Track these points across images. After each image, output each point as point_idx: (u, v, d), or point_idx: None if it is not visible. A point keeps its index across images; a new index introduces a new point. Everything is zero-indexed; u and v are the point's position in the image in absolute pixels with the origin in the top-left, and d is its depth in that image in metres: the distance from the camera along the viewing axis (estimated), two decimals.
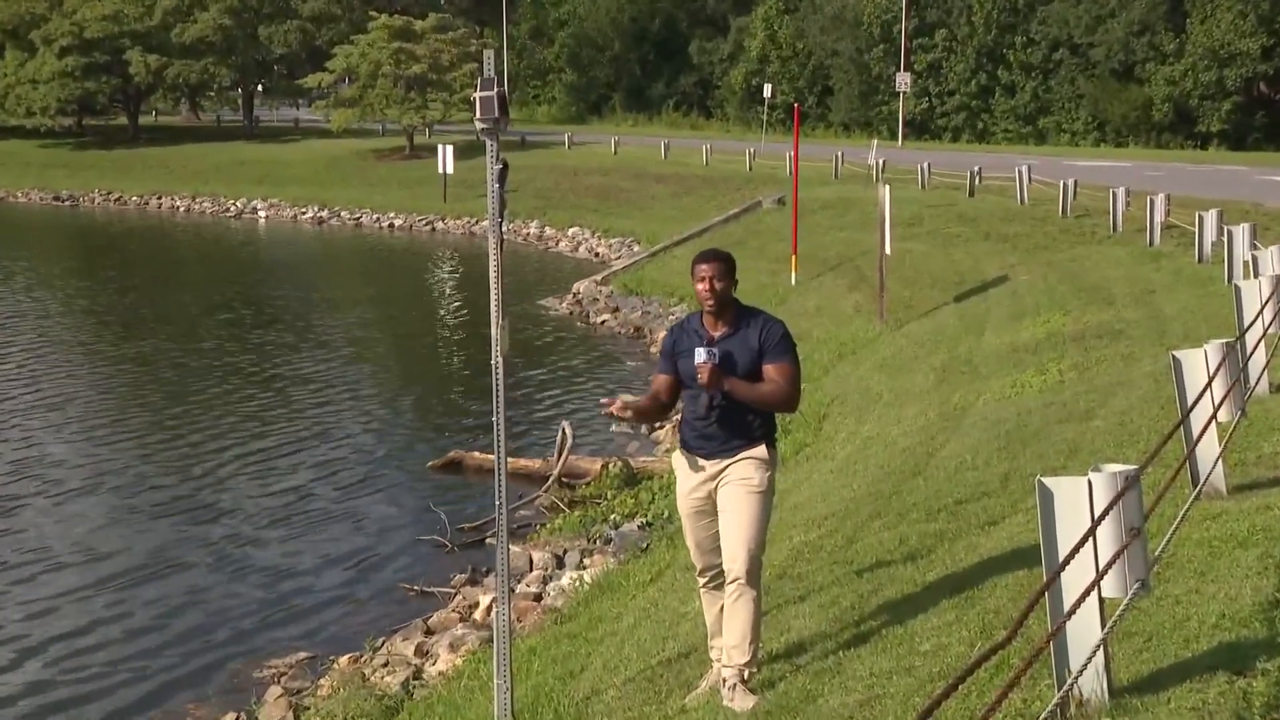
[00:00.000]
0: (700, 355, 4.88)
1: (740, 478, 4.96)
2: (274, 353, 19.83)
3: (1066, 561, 3.27)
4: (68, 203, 48.65)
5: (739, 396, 4.93)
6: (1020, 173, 25.86)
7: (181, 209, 46.25)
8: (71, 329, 21.68)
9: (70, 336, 21.01)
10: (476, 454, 13.35)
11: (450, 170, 39.57)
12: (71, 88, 57.45)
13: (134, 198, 48.12)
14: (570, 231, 35.12)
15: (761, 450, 5.00)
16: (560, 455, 12.41)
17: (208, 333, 21.33)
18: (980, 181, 28.08)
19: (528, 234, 36.08)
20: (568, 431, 12.54)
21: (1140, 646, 4.05)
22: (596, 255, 32.12)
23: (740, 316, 5.06)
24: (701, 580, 5.25)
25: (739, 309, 5.07)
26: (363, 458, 13.96)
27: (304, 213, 43.15)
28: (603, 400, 5.06)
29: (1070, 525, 3.53)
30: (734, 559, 4.89)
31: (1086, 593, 3.31)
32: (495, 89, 5.43)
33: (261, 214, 44.27)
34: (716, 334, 5.02)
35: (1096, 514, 3.49)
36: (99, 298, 25.20)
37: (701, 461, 5.05)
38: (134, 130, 62.15)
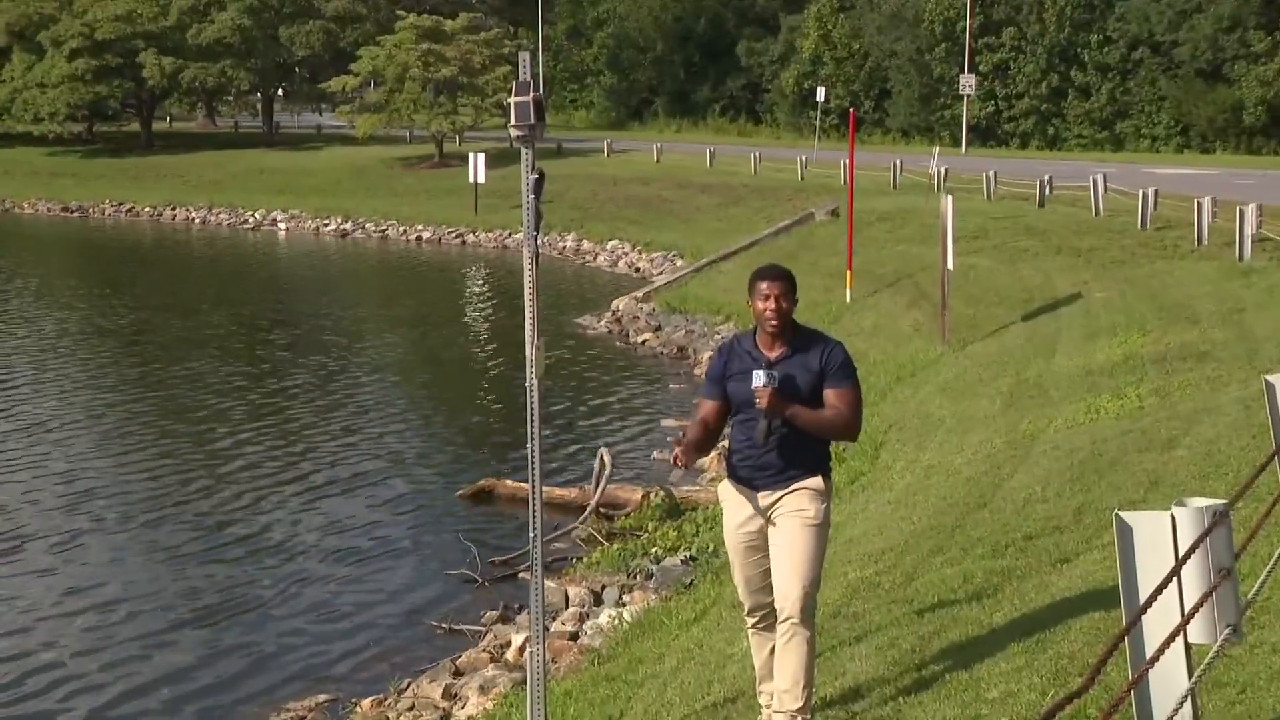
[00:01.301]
0: (759, 379, 4.87)
1: (795, 510, 4.96)
2: (293, 375, 20.02)
3: (1148, 604, 3.25)
4: (77, 213, 49.39)
5: (800, 424, 4.92)
6: (1095, 181, 25.69)
7: (197, 220, 46.85)
8: (90, 350, 21.97)
9: (90, 358, 21.28)
10: (509, 482, 13.40)
11: (482, 180, 39.84)
12: (82, 92, 58.11)
13: (147, 208, 48.78)
14: (609, 245, 35.24)
15: (817, 480, 4.99)
16: (598, 484, 12.42)
17: (226, 354, 21.55)
18: (1051, 191, 27.91)
19: (564, 248, 36.24)
20: (606, 459, 12.54)
21: (1233, 698, 4.01)
22: (637, 270, 32.19)
23: (798, 337, 5.06)
24: (750, 620, 5.25)
25: (796, 329, 5.07)
26: (387, 486, 14.04)
27: (326, 224, 43.57)
28: (676, 454, 5.01)
29: (1152, 564, 3.50)
30: (787, 597, 4.88)
31: (1171, 638, 3.28)
32: (531, 93, 5.48)
33: (281, 226, 44.75)
34: (773, 355, 5.02)
35: (1181, 552, 3.46)
36: (115, 317, 25.53)
37: (753, 492, 5.04)
38: (147, 137, 62.95)
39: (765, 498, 5.02)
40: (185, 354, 21.37)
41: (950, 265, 17.28)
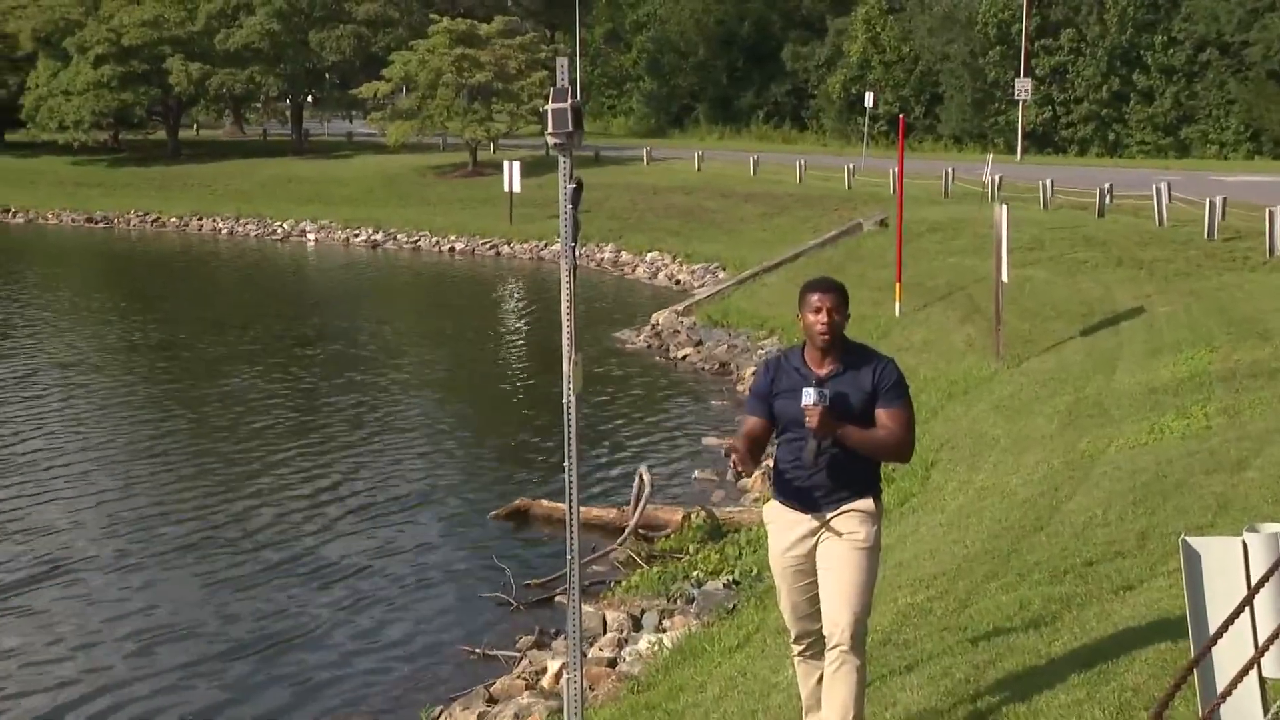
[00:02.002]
0: (809, 396, 4.85)
1: (844, 532, 4.94)
2: (324, 393, 20.16)
3: (1219, 634, 3.21)
4: (102, 224, 50.03)
5: (851, 444, 4.90)
6: (1158, 190, 25.48)
7: (224, 231, 47.33)
8: (121, 367, 22.17)
9: (123, 375, 21.48)
10: (545, 502, 13.44)
11: (517, 189, 40.04)
12: (107, 99, 58.85)
13: (173, 219, 49.35)
14: (649, 256, 35.31)
15: (868, 502, 4.97)
16: (637, 504, 12.42)
17: (256, 372, 21.74)
18: (1111, 200, 27.70)
19: (602, 259, 36.34)
20: (645, 478, 12.55)
21: None
22: (677, 283, 32.23)
23: (849, 353, 5.04)
24: (797, 647, 5.23)
25: (847, 345, 5.06)
26: (419, 507, 14.10)
27: (357, 235, 43.91)
28: (727, 445, 5.02)
29: (1222, 592, 3.46)
30: (836, 623, 4.86)
31: (1244, 671, 3.24)
32: (569, 100, 5.51)
33: (311, 236, 45.14)
34: (823, 372, 5.01)
35: (1253, 580, 3.42)
36: (145, 332, 25.77)
37: (800, 514, 5.03)
38: (173, 145, 63.66)
39: (813, 520, 5.00)
40: (216, 372, 21.57)
41: (1005, 278, 17.18)
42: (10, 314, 27.75)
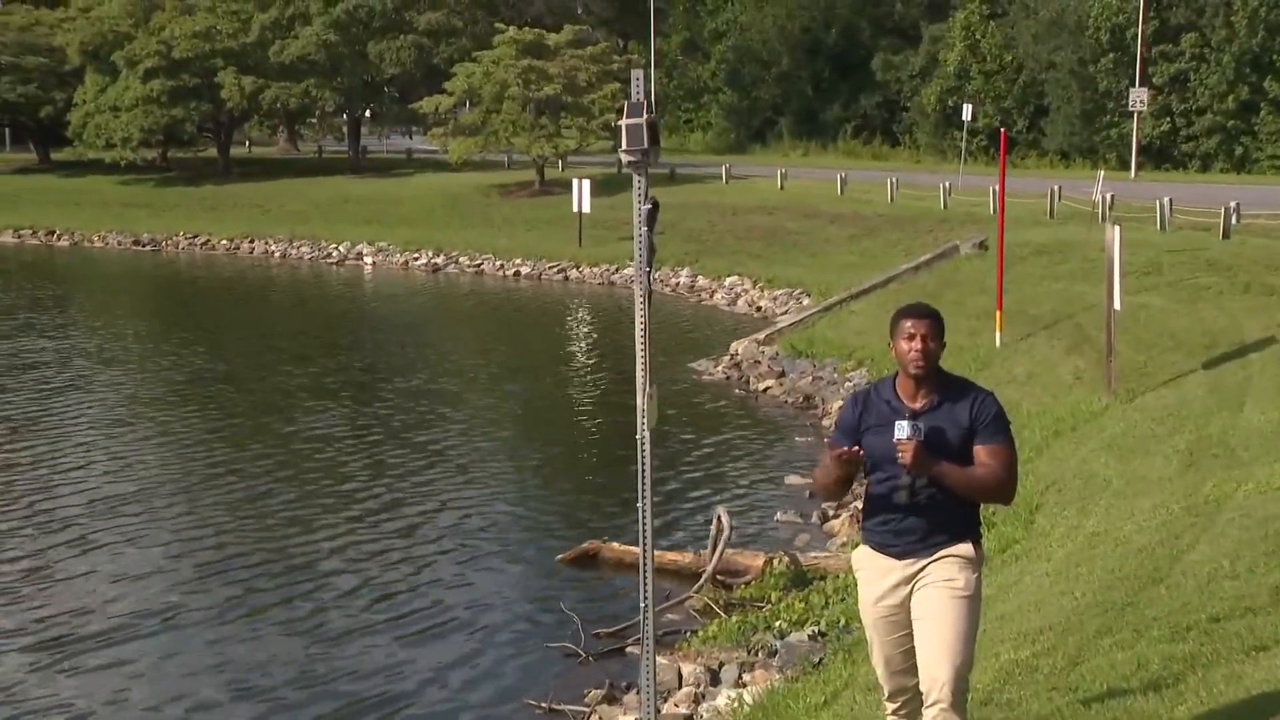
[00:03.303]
0: (903, 430, 4.83)
1: (942, 580, 4.90)
2: (381, 426, 20.38)
3: None
4: (149, 246, 51.00)
5: (948, 483, 4.87)
6: None
7: (276, 254, 48.07)
8: (181, 399, 22.49)
9: (183, 408, 21.80)
10: (616, 545, 13.46)
11: (587, 209, 40.25)
12: (156, 115, 59.85)
13: (223, 241, 50.21)
14: (727, 281, 35.33)
15: (967, 547, 4.94)
16: (715, 548, 12.40)
17: (316, 405, 22.00)
18: (1238, 220, 27.28)
19: (677, 284, 36.41)
20: (724, 520, 12.53)
21: None
22: (758, 310, 32.21)
23: (945, 386, 5.02)
24: (891, 705, 5.19)
25: (942, 377, 5.03)
26: (481, 546, 14.20)
27: (416, 258, 44.38)
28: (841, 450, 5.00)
29: None
30: (934, 679, 4.81)
31: None
32: (644, 115, 5.55)
33: (368, 260, 45.70)
34: (918, 405, 4.99)
35: None
36: (202, 363, 26.14)
37: (893, 560, 5.00)
38: (224, 163, 64.80)
39: (907, 566, 4.97)
40: (272, 407, 21.80)
41: (1117, 305, 16.99)
42: (60, 345, 28.28)
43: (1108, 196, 32.52)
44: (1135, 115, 50.32)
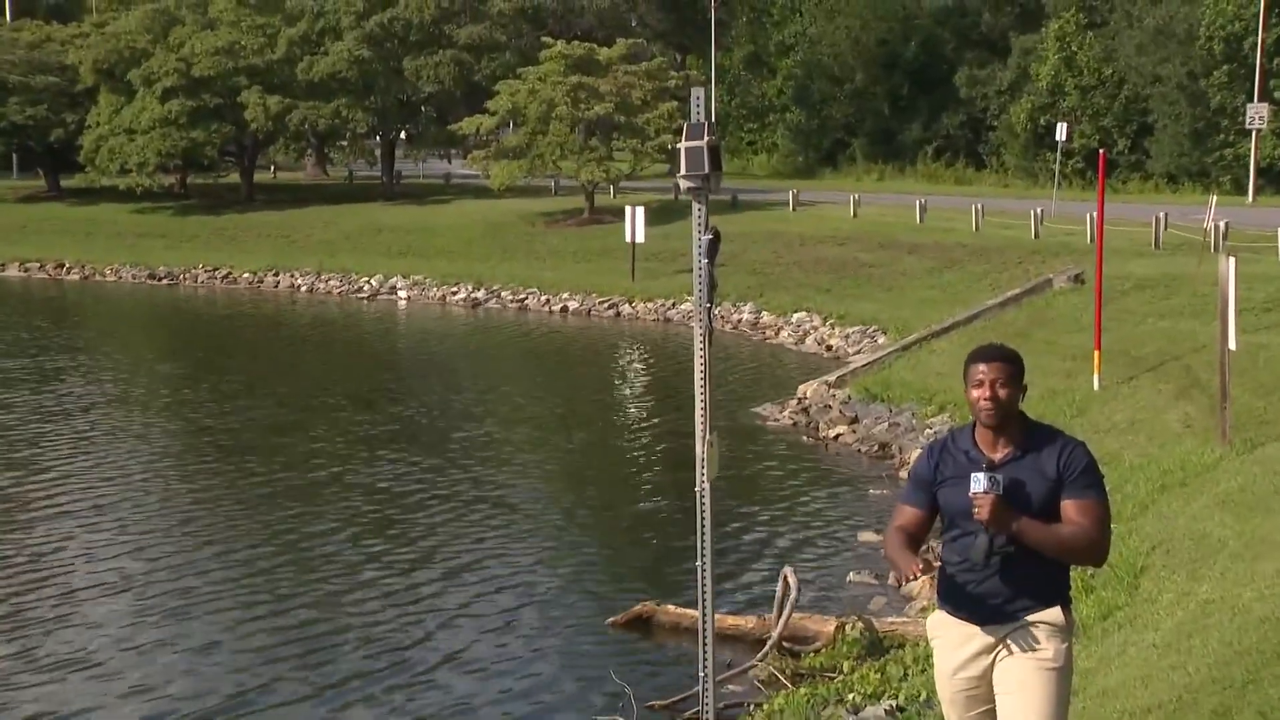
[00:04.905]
0: (979, 483, 4.84)
1: (1027, 650, 4.90)
2: (419, 476, 20.50)
3: None
4: (166, 280, 51.60)
5: (1030, 541, 4.87)
6: None
7: (303, 288, 48.52)
8: (200, 450, 22.78)
9: (207, 459, 22.08)
10: (672, 608, 13.44)
11: (640, 239, 40.36)
12: (175, 138, 60.34)
13: (245, 274, 50.72)
14: (794, 318, 35.30)
15: (1055, 613, 4.93)
16: (781, 612, 12.38)
17: (347, 452, 22.18)
18: None
19: (739, 321, 36.43)
20: (791, 581, 12.51)
21: None
22: (828, 349, 32.16)
23: (1029, 435, 5.03)
24: None
25: (1026, 425, 5.04)
26: (526, 610, 14.24)
27: (455, 293, 44.67)
28: (913, 571, 5.02)
29: None
30: None
31: None
32: (705, 137, 5.62)
33: (402, 294, 46.05)
34: (997, 456, 5.00)
35: None
36: (221, 412, 26.36)
37: (973, 627, 5.00)
38: (248, 190, 65.47)
39: (989, 634, 4.96)
40: (303, 459, 21.81)
41: (1233, 345, 16.85)
42: (74, 390, 28.50)
43: (1221, 224, 32.26)
44: (1253, 134, 49.93)
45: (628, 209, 41.49)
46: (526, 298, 42.89)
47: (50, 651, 13.18)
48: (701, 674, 5.70)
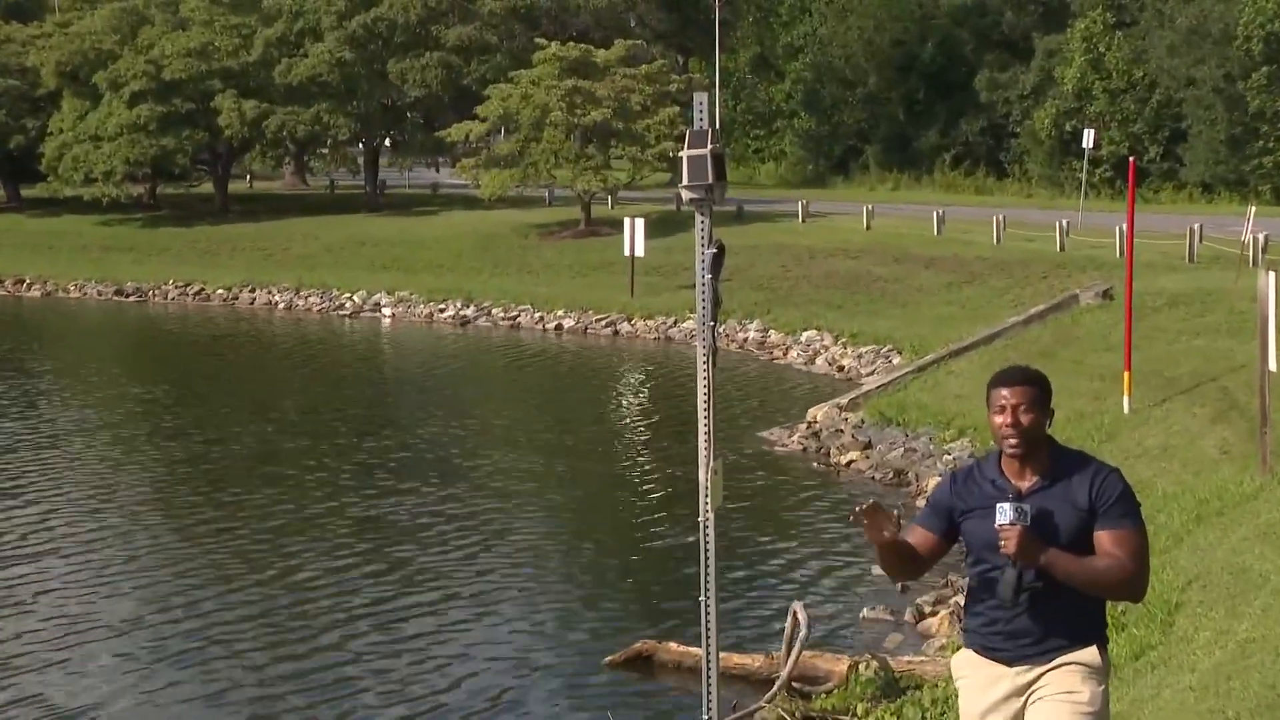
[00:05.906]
0: (1005, 514, 4.82)
1: (1060, 692, 4.87)
2: (406, 508, 20.52)
3: None
4: (134, 297, 51.55)
5: (1061, 575, 4.85)
6: None
7: (280, 304, 48.50)
8: (172, 486, 22.75)
9: (178, 495, 22.08)
10: (673, 646, 13.43)
11: (640, 252, 40.37)
12: (144, 145, 60.10)
13: (219, 290, 50.71)
14: (804, 336, 35.31)
15: (1090, 653, 4.91)
16: (790, 650, 12.35)
17: (329, 488, 22.14)
18: None
19: (745, 339, 36.44)
20: (801, 617, 12.49)
21: None
22: (840, 369, 32.16)
23: (1058, 462, 5.01)
24: None
25: (1055, 451, 5.02)
26: (518, 648, 14.24)
27: (442, 310, 44.67)
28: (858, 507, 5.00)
29: None
30: None
31: None
32: (709, 145, 5.61)
33: (386, 311, 46.05)
34: (1025, 486, 4.98)
35: None
36: (195, 444, 26.29)
37: (1002, 668, 4.98)
38: (222, 201, 65.42)
39: (1019, 675, 4.94)
40: (287, 493, 21.78)
41: (1273, 366, 16.85)
42: (43, 417, 28.42)
43: (1261, 236, 32.28)
44: None
45: (626, 221, 41.50)
46: (519, 315, 42.89)
47: (39, 694, 13.22)
48: (705, 717, 5.67)
